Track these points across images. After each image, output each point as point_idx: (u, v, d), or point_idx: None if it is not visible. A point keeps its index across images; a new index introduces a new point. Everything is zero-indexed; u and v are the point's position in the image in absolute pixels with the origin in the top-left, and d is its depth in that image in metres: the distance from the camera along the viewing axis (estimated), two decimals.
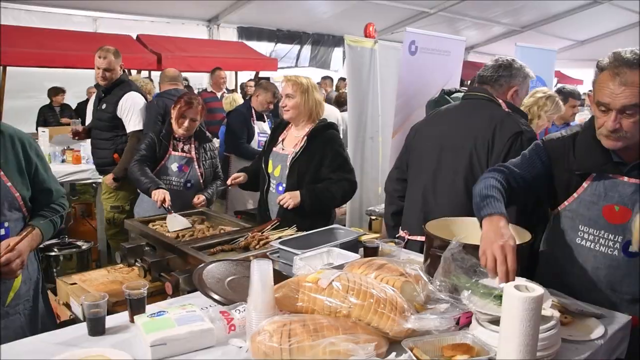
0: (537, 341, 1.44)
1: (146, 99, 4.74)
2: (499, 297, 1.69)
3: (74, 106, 9.41)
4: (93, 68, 4.65)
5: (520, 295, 1.41)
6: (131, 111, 4.45)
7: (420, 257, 2.35)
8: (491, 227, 1.79)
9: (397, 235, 2.78)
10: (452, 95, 3.76)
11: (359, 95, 5.11)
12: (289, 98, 3.16)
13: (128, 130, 4.46)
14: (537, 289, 1.45)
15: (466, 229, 2.12)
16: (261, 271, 1.58)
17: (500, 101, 2.64)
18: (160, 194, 3.28)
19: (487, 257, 1.71)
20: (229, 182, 3.46)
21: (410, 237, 2.74)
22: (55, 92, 9.13)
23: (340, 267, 1.93)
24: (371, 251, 2.27)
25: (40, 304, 2.42)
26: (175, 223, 3.07)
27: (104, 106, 4.52)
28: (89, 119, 5.49)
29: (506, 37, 14.04)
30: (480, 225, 1.85)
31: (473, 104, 2.71)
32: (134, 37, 9.22)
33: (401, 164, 2.94)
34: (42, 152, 2.39)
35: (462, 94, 3.12)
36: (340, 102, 7.01)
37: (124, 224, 4.16)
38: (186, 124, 3.55)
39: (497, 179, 2.00)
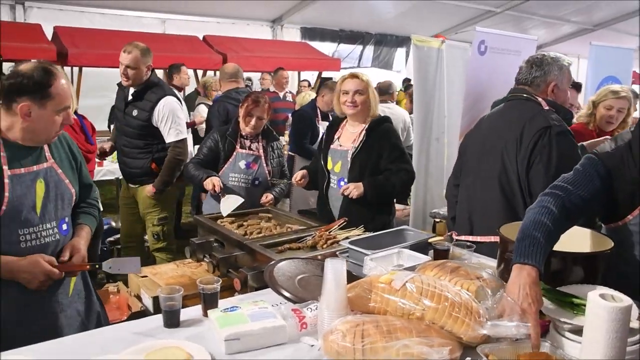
0: (624, 354, 1.37)
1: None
2: (579, 306, 1.63)
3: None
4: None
5: (607, 305, 1.35)
6: (169, 120, 3.93)
7: (490, 262, 2.31)
8: (518, 281, 1.62)
9: (446, 235, 2.85)
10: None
11: (425, 96, 5.04)
12: (359, 94, 3.22)
13: (167, 141, 3.98)
14: (625, 299, 1.39)
15: None
16: (335, 270, 1.58)
17: (540, 99, 2.66)
18: (210, 182, 3.40)
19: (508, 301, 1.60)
20: (293, 180, 3.50)
21: (458, 238, 2.80)
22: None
23: (411, 268, 1.90)
24: (442, 254, 2.23)
25: (94, 297, 2.43)
26: (229, 204, 3.15)
27: (134, 112, 3.97)
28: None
29: (577, 36, 13.51)
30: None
31: (513, 105, 2.76)
32: (201, 37, 9.44)
33: (456, 170, 3.05)
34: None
35: None
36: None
37: (170, 236, 4.24)
38: (253, 122, 3.60)
39: (549, 210, 1.79)
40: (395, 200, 3.60)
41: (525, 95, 2.69)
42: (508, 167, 2.60)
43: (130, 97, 4.01)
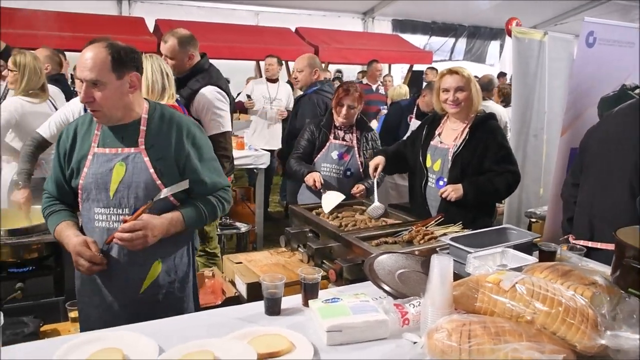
0: None
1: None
2: None
3: (234, 95, 9.98)
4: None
5: None
6: (208, 111, 3.63)
7: (599, 266, 2.18)
8: None
9: (563, 239, 2.63)
10: (637, 91, 3.41)
11: (524, 90, 4.83)
12: (460, 91, 3.04)
13: (208, 134, 3.27)
14: None
15: None
16: (442, 267, 1.54)
17: None
18: (310, 178, 3.43)
19: None
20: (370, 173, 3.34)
21: (575, 242, 2.60)
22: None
23: (517, 269, 1.82)
24: (548, 255, 2.13)
25: (189, 299, 2.35)
26: (330, 201, 3.15)
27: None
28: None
29: None
30: None
31: None
32: (293, 29, 9.56)
33: (575, 168, 2.84)
34: (203, 142, 2.24)
35: None
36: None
37: (214, 240, 4.17)
38: (344, 111, 3.60)
39: None
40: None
41: None
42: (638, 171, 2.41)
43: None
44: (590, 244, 2.52)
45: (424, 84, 11.06)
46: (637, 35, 4.33)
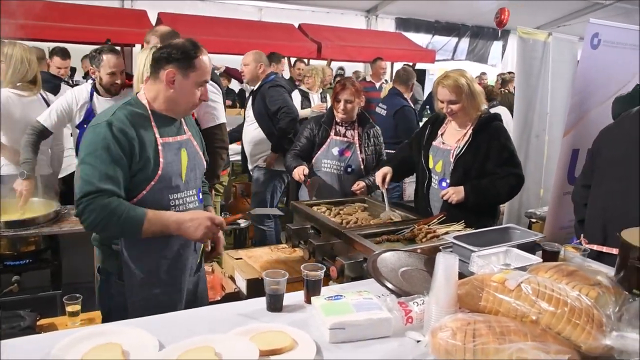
0: None
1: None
2: None
3: (237, 90, 9.97)
4: None
5: None
6: (200, 105, 3.35)
7: (602, 267, 2.17)
8: None
9: (574, 242, 2.58)
10: None
11: (527, 91, 4.81)
12: (453, 104, 2.99)
13: (203, 127, 3.50)
14: None
15: None
16: (447, 265, 1.53)
17: None
18: (295, 173, 3.46)
19: None
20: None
21: (588, 246, 2.53)
22: (225, 76, 9.72)
23: (522, 269, 1.81)
24: (551, 255, 2.12)
25: (202, 273, 2.52)
26: (311, 187, 3.19)
27: None
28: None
29: None
30: None
31: None
32: (296, 26, 9.54)
33: (587, 170, 2.76)
34: None
35: None
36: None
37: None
38: (342, 106, 3.58)
39: None
40: None
41: None
42: None
43: None
44: (605, 249, 2.46)
45: (427, 83, 11.07)
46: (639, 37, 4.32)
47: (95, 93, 3.60)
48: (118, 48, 3.70)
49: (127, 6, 9.22)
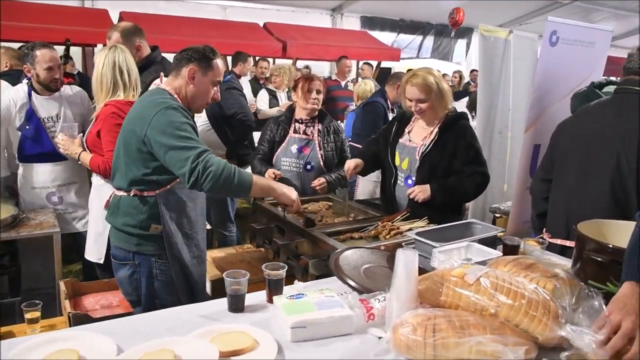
0: None
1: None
2: None
3: None
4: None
5: None
6: None
7: (561, 260, 2.21)
8: (632, 294, 1.48)
9: (538, 237, 2.62)
10: (604, 90, 3.45)
11: (489, 88, 4.88)
12: (422, 103, 3.00)
13: None
14: None
15: (622, 233, 1.93)
16: (407, 261, 1.53)
17: None
18: (266, 175, 3.40)
19: (611, 320, 1.44)
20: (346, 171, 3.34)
21: (551, 240, 2.58)
22: None
23: (482, 263, 1.83)
24: (511, 249, 2.15)
25: None
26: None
27: None
28: None
29: None
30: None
31: (625, 99, 2.48)
32: (261, 25, 9.49)
33: (546, 163, 2.78)
34: None
35: (614, 87, 2.85)
36: None
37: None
38: (313, 94, 3.53)
39: None
40: None
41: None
42: (624, 169, 2.36)
43: None
44: (568, 243, 2.49)
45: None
46: (597, 36, 4.42)
47: (33, 92, 3.51)
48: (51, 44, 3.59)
49: (88, 5, 9.03)
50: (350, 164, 3.19)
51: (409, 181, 3.10)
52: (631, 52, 2.53)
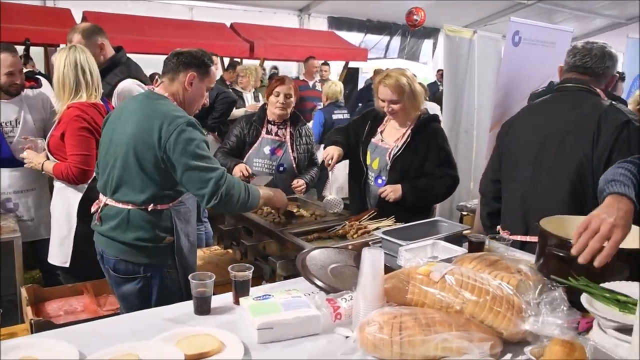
0: None
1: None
2: (625, 304, 1.56)
3: None
4: None
5: None
6: None
7: (524, 255, 2.24)
8: (612, 203, 1.59)
9: (497, 236, 2.64)
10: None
11: (455, 88, 4.96)
12: (395, 103, 3.00)
13: None
14: None
15: None
16: (373, 260, 1.54)
17: (599, 91, 2.46)
18: (237, 169, 3.35)
19: (589, 226, 1.53)
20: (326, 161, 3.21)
21: (512, 237, 2.60)
22: (153, 77, 9.50)
23: (447, 260, 1.85)
24: (476, 246, 2.17)
25: None
26: (259, 182, 3.08)
27: None
28: None
29: (609, 30, 13.19)
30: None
31: (572, 95, 2.51)
32: (228, 25, 9.42)
33: (494, 163, 2.78)
34: None
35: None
36: None
37: None
38: (281, 99, 3.49)
39: (626, 169, 1.75)
40: None
41: (584, 86, 2.47)
42: (581, 161, 2.37)
43: None
44: (528, 238, 2.50)
45: (360, 81, 11.18)
46: (557, 36, 4.53)
47: None
48: (16, 46, 3.48)
49: (50, 4, 8.83)
50: (332, 152, 3.08)
51: (379, 180, 3.12)
52: (577, 48, 2.55)
